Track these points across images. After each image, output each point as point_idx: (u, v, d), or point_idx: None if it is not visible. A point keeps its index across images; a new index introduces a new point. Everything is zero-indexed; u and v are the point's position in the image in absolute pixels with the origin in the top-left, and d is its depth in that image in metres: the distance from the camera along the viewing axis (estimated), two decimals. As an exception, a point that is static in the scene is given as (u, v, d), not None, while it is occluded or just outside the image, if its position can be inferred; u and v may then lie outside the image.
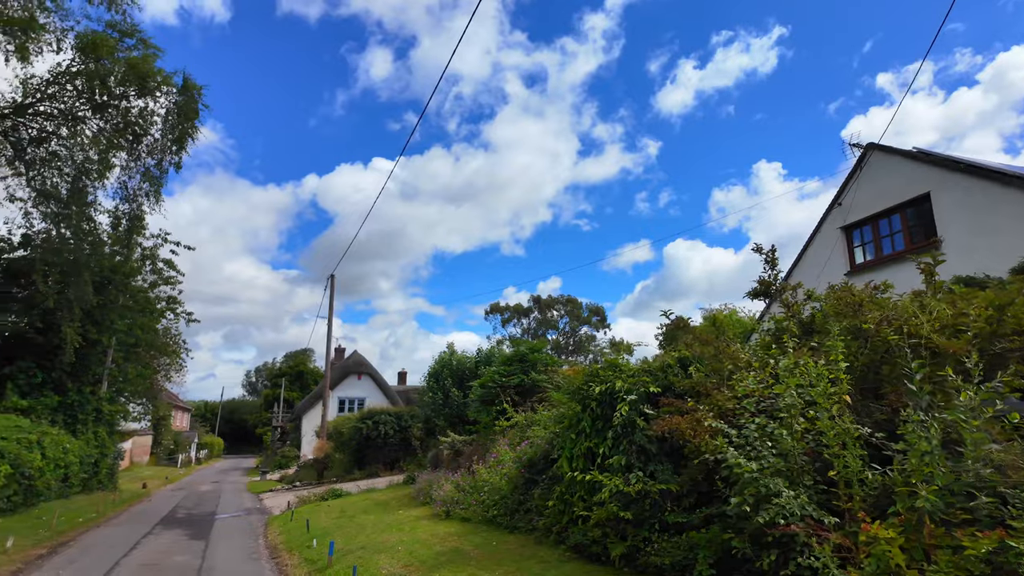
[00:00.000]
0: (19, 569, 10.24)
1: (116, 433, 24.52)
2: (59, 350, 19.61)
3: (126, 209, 19.75)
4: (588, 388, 8.88)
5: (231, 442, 73.83)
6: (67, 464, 18.66)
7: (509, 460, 11.96)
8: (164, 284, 24.54)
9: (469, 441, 17.85)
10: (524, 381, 15.24)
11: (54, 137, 18.76)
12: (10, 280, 20.51)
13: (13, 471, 13.93)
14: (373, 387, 44.70)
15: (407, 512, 14.28)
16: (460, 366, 20.01)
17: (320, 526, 13.48)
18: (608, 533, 7.80)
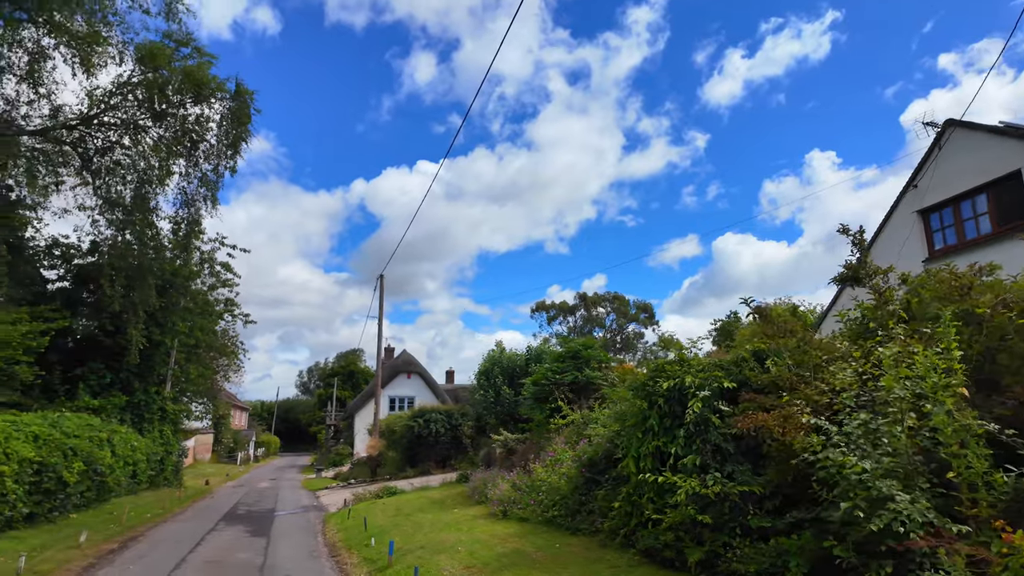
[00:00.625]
0: (92, 563, 10.43)
1: (180, 431, 25.26)
2: (126, 352, 20.24)
3: (185, 214, 20.25)
4: (654, 384, 8.38)
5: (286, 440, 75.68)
6: (135, 461, 19.22)
7: (568, 459, 11.53)
8: (222, 287, 25.15)
9: (522, 439, 17.50)
10: (578, 378, 14.79)
11: (118, 146, 19.35)
12: (80, 285, 21.31)
13: (86, 468, 14.33)
14: (422, 386, 44.94)
15: (463, 511, 14.03)
16: (510, 364, 19.69)
17: (377, 524, 13.36)
18: (682, 537, 7.29)
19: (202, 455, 44.64)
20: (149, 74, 18.10)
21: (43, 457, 12.31)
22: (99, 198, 19.63)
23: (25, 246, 19.70)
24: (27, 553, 10.28)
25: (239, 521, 16.07)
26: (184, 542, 12.59)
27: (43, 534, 12.13)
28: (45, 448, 12.43)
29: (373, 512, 15.43)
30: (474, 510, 13.93)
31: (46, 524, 12.88)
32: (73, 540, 11.58)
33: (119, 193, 19.67)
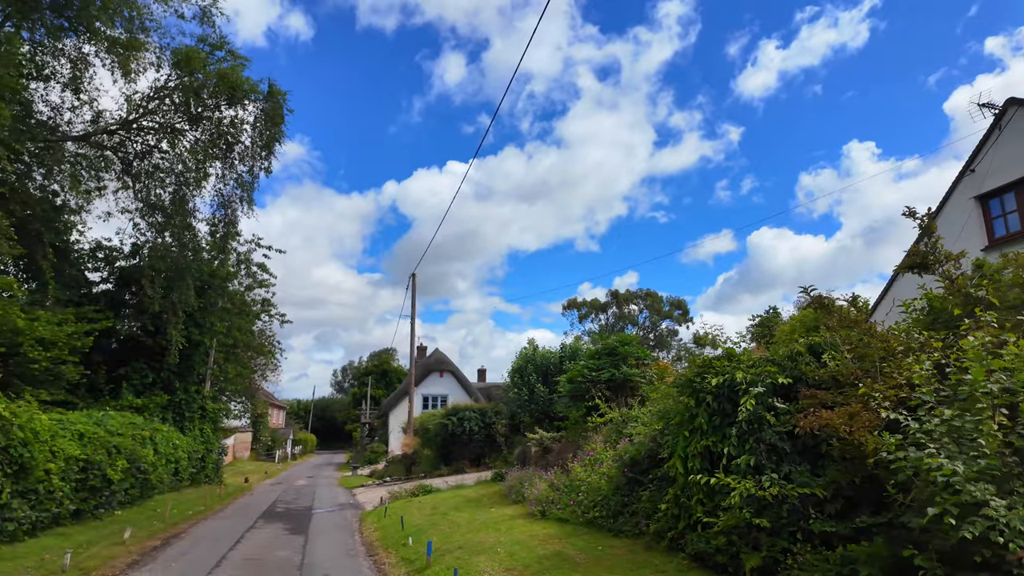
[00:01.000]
0: (135, 560, 10.49)
1: (220, 430, 25.68)
2: (166, 352, 20.61)
3: (221, 215, 20.51)
4: (702, 380, 7.96)
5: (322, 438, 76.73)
6: (177, 459, 19.53)
7: (608, 459, 11.17)
8: (259, 287, 25.47)
9: (558, 438, 17.17)
10: (615, 375, 14.39)
11: (156, 150, 19.69)
12: (123, 287, 21.77)
13: (130, 465, 14.54)
14: (455, 384, 44.95)
15: (500, 510, 13.78)
16: (544, 361, 19.36)
17: (414, 523, 13.20)
18: (735, 542, 6.88)
19: (241, 453, 45.49)
20: (185, 78, 18.34)
21: (88, 455, 12.51)
22: (139, 201, 20.00)
23: (70, 249, 20.20)
24: (72, 550, 10.39)
25: (278, 519, 16.13)
26: (224, 539, 12.63)
27: (89, 531, 12.32)
28: (90, 446, 12.63)
29: (409, 510, 15.30)
30: (511, 509, 13.66)
31: (92, 521, 13.09)
32: (118, 537, 11.71)
33: (158, 196, 20.01)
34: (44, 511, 11.02)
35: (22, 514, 10.03)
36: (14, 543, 10.18)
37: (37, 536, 11.03)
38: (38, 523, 10.98)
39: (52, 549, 10.36)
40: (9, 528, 9.70)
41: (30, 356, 13.70)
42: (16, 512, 9.85)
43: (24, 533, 10.55)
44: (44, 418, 10.86)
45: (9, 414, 9.29)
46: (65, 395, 16.16)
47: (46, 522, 11.32)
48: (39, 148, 17.54)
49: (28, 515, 10.36)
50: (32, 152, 17.69)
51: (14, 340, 13.64)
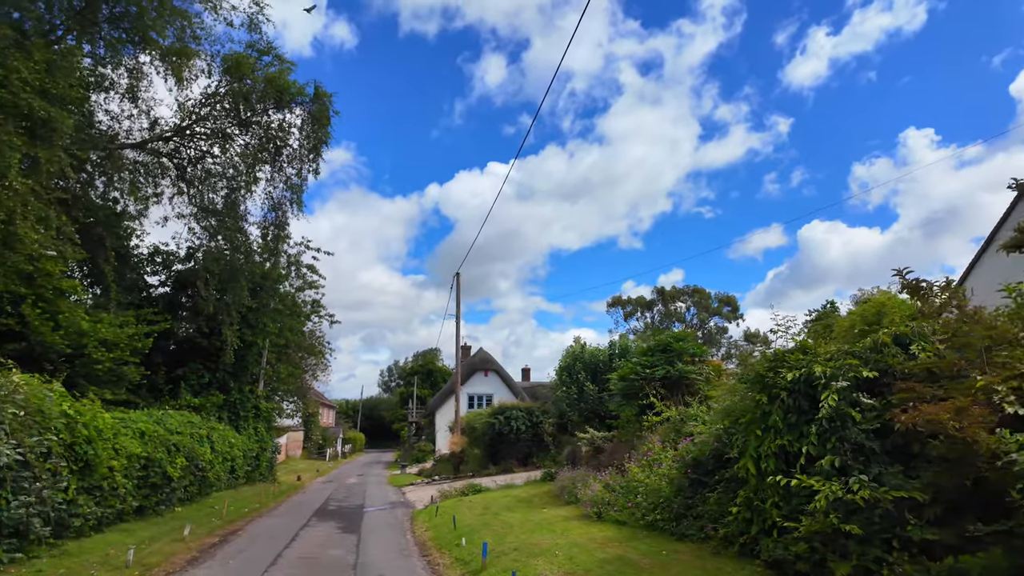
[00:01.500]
0: (195, 557, 10.56)
1: (273, 429, 26.16)
2: (222, 352, 21.06)
3: (272, 218, 20.82)
4: (775, 375, 7.39)
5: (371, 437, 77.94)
6: (233, 457, 19.90)
7: (667, 459, 10.64)
8: (309, 288, 25.83)
9: (609, 438, 16.67)
10: (670, 373, 13.80)
11: (208, 155, 20.14)
12: (179, 290, 22.37)
13: (188, 463, 14.81)
14: (499, 383, 44.78)
15: (553, 511, 13.40)
16: (593, 359, 18.88)
17: (466, 523, 12.95)
18: (819, 548, 6.31)
19: (293, 452, 46.49)
20: (235, 84, 18.67)
21: (149, 453, 12.75)
22: (193, 205, 20.50)
23: (130, 254, 20.84)
24: (135, 546, 10.54)
25: (330, 517, 16.18)
26: (279, 537, 12.66)
27: (151, 527, 12.55)
28: (151, 444, 12.88)
29: (460, 510, 15.08)
30: (564, 510, 13.27)
31: (154, 517, 13.35)
32: (178, 533, 11.87)
33: (211, 200, 20.47)
34: (108, 507, 11.25)
35: (88, 510, 10.23)
36: (81, 538, 10.39)
37: (103, 531, 11.27)
38: (103, 519, 11.21)
39: (116, 545, 10.54)
40: (76, 524, 9.88)
41: (94, 357, 14.10)
42: (82, 508, 10.04)
43: (90, 529, 10.77)
44: (107, 416, 11.08)
45: (74, 412, 9.47)
46: (127, 395, 16.62)
47: (111, 518, 11.56)
48: (101, 157, 18.15)
49: (94, 511, 10.56)
50: (94, 162, 18.33)
51: (79, 341, 14.05)
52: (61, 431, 9.10)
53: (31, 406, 8.32)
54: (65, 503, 9.42)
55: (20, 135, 11.74)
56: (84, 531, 10.53)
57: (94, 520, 10.75)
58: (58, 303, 14.04)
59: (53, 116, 12.30)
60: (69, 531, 9.95)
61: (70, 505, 9.71)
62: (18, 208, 11.88)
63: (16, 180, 11.42)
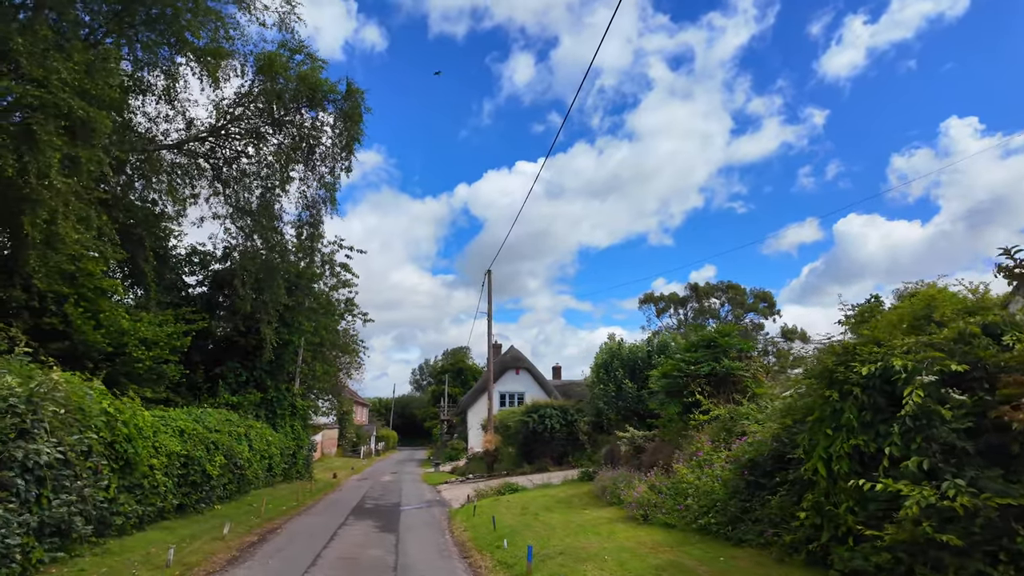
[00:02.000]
0: (235, 556, 10.39)
1: (309, 427, 26.23)
2: (258, 351, 21.09)
3: (307, 217, 20.76)
4: (845, 370, 6.79)
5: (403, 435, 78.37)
6: (270, 455, 19.90)
7: (720, 460, 10.06)
8: (342, 287, 25.79)
9: (650, 437, 16.08)
10: (716, 369, 13.16)
11: (243, 155, 20.16)
12: (217, 289, 22.51)
13: (227, 461, 14.75)
14: (531, 381, 44.34)
15: (595, 512, 12.91)
16: (631, 356, 18.28)
17: (505, 524, 12.54)
18: (905, 560, 5.71)
19: (328, 449, 46.84)
20: (268, 83, 18.61)
21: (188, 451, 12.68)
22: (229, 206, 20.56)
23: (169, 255, 21.02)
24: (175, 545, 10.41)
25: (367, 515, 15.96)
26: (318, 536, 12.46)
27: (192, 524, 12.47)
28: (190, 442, 12.81)
29: (498, 510, 14.69)
30: (607, 512, 12.76)
31: (194, 515, 13.29)
32: (218, 531, 11.74)
33: (246, 200, 20.50)
34: (150, 505, 11.17)
35: (129, 508, 10.14)
36: (123, 536, 10.31)
37: (144, 530, 11.20)
38: (144, 517, 11.14)
39: (158, 543, 10.43)
40: (117, 522, 9.79)
41: (134, 356, 14.12)
42: (123, 507, 9.94)
43: (132, 527, 10.69)
44: (147, 414, 11.00)
45: (114, 410, 9.36)
46: (167, 393, 16.69)
47: (152, 516, 11.49)
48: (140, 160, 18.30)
49: (135, 509, 10.48)
50: (134, 164, 18.49)
51: (120, 340, 14.09)
52: (101, 429, 8.98)
53: (71, 404, 8.20)
54: (106, 501, 9.32)
55: (60, 135, 11.75)
56: (126, 529, 10.46)
57: (135, 518, 10.67)
58: (99, 302, 14.10)
59: (92, 116, 12.29)
60: (111, 529, 9.86)
61: (111, 503, 9.61)
62: (60, 207, 11.90)
63: (57, 179, 11.42)
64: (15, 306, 12.13)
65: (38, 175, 11.25)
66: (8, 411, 6.71)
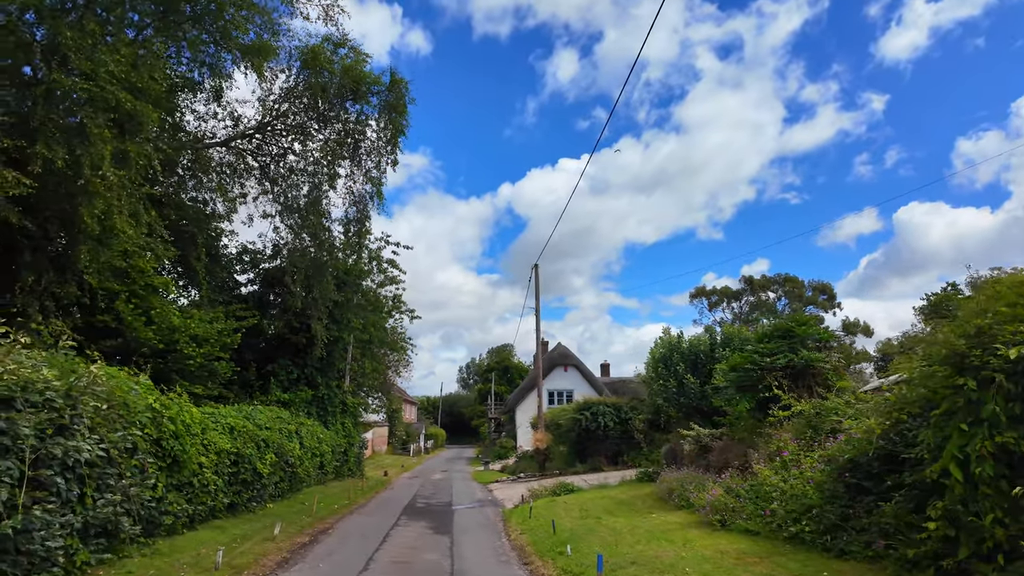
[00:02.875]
0: (285, 559, 9.90)
1: (360, 424, 26.00)
2: (309, 348, 20.87)
3: (354, 213, 20.39)
4: (982, 353, 5.64)
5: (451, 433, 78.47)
6: (322, 453, 19.62)
7: (810, 460, 8.92)
8: (390, 284, 25.43)
9: (717, 435, 14.91)
10: (793, 361, 11.93)
11: (290, 152, 19.95)
12: (268, 287, 22.46)
13: (278, 459, 14.41)
14: (580, 379, 43.30)
15: (662, 516, 11.89)
16: (692, 349, 17.08)
17: (566, 527, 11.68)
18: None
19: (379, 447, 46.99)
20: (312, 78, 18.30)
21: (239, 448, 12.32)
22: (278, 204, 20.40)
23: (220, 255, 21.04)
24: (225, 546, 9.99)
25: (420, 516, 15.38)
26: (370, 537, 11.90)
27: (243, 524, 12.11)
28: (240, 440, 12.45)
29: (555, 512, 13.84)
30: (676, 516, 11.73)
31: (245, 514, 12.95)
32: (268, 532, 11.33)
33: (294, 198, 20.30)
34: (200, 504, 10.82)
35: (178, 507, 9.77)
36: (173, 536, 9.96)
37: (195, 529, 10.86)
38: (195, 516, 10.79)
39: (208, 543, 10.04)
40: (167, 522, 9.41)
41: (185, 352, 13.92)
42: (172, 506, 9.57)
43: (182, 526, 10.35)
44: (195, 411, 10.64)
45: (159, 406, 8.97)
46: (219, 390, 16.54)
47: (203, 515, 11.15)
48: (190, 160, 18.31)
49: (184, 508, 10.12)
50: (184, 165, 18.51)
51: (171, 337, 13.92)
52: (146, 426, 8.59)
53: (115, 399, 7.80)
54: (154, 500, 8.93)
55: (110, 128, 11.57)
56: (176, 529, 10.11)
57: (186, 518, 10.32)
58: (151, 300, 13.98)
59: (139, 110, 12.08)
60: (160, 529, 9.50)
61: (160, 503, 9.23)
62: (114, 201, 11.72)
63: (109, 171, 11.22)
64: (67, 303, 12.02)
65: (92, 167, 11.08)
66: (45, 405, 6.29)
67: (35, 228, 11.78)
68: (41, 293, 11.94)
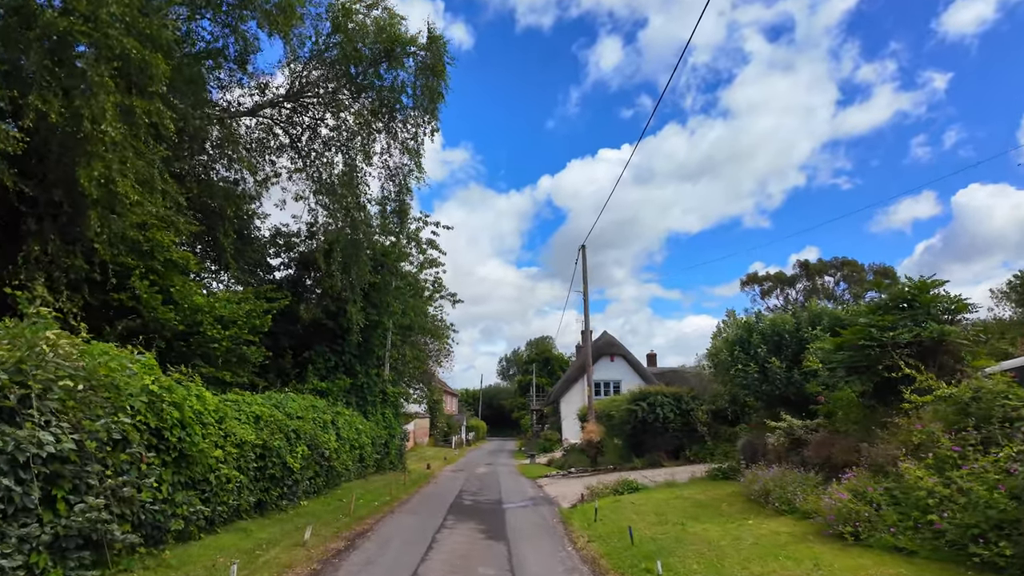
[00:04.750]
0: (314, 571, 8.22)
1: (401, 415, 24.48)
2: (347, 334, 19.36)
3: (391, 188, 18.74)
4: None
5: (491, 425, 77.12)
6: (361, 445, 18.08)
7: (986, 460, 6.66)
8: (430, 266, 23.74)
9: (813, 427, 12.60)
10: (921, 335, 9.59)
11: (322, 124, 18.40)
12: (303, 270, 21.05)
13: (311, 452, 12.82)
14: (627, 368, 40.97)
15: (762, 523, 9.73)
16: (776, 329, 14.74)
17: (645, 536, 9.66)
18: None
19: (420, 439, 45.71)
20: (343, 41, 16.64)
21: (265, 440, 10.72)
22: (311, 181, 18.90)
23: (252, 238, 19.68)
24: (247, 554, 8.38)
25: (467, 516, 13.58)
26: (414, 543, 10.14)
27: (272, 525, 10.52)
28: (267, 430, 10.84)
29: (625, 515, 11.84)
30: (780, 524, 9.55)
31: (276, 513, 11.38)
32: (298, 535, 9.71)
33: (328, 174, 18.78)
34: (220, 504, 9.24)
35: (189, 509, 8.15)
36: (187, 543, 8.38)
37: (215, 532, 9.30)
38: (215, 518, 9.23)
39: (227, 551, 8.43)
40: (174, 527, 7.79)
41: (209, 335, 12.43)
42: (182, 508, 7.95)
43: (199, 531, 8.78)
44: (209, 396, 9.03)
45: (159, 388, 7.32)
46: (251, 377, 15.11)
47: (225, 516, 9.58)
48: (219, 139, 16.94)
49: (200, 510, 8.52)
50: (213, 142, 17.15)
51: (193, 318, 12.45)
52: (141, 412, 6.94)
53: (97, 379, 6.17)
54: (156, 502, 7.32)
55: (113, 79, 10.07)
56: (191, 534, 8.54)
57: (202, 520, 8.73)
58: (171, 277, 12.52)
59: (147, 59, 10.56)
60: (168, 535, 7.91)
61: (166, 505, 7.62)
62: (116, 163, 10.22)
63: (111, 127, 9.72)
64: (74, 277, 10.60)
65: (92, 120, 9.61)
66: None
67: (37, 193, 10.42)
68: (48, 265, 10.58)
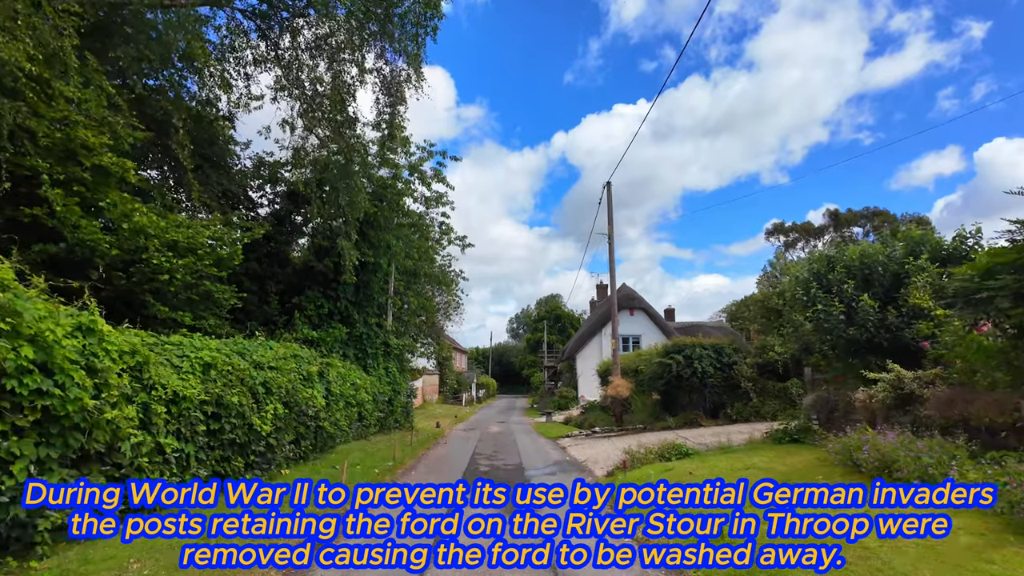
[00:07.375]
0: (271, 582, 5.51)
1: (407, 371, 21.87)
2: (342, 276, 16.54)
3: (387, 101, 15.54)
4: None
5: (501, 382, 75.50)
6: (359, 402, 15.44)
7: None
8: (436, 204, 20.65)
9: (929, 379, 9.69)
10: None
11: (304, 22, 15.10)
12: (292, 205, 18.07)
13: (288, 411, 10.09)
14: (647, 323, 38.16)
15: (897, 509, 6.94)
16: (865, 262, 11.69)
17: (732, 525, 6.90)
18: None
19: (430, 396, 43.53)
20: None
21: (219, 395, 7.93)
22: (297, 100, 15.73)
23: (226, 166, 16.57)
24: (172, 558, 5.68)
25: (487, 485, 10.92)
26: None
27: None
28: (220, 382, 8.03)
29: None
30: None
31: (240, 489, 8.74)
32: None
33: (314, 89, 15.59)
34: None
35: (83, 498, 5.38)
36: (88, 543, 5.70)
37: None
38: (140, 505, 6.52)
39: (153, 551, 5.78)
40: (42, 526, 5.02)
41: (154, 263, 9.56)
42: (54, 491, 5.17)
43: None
44: (111, 331, 6.13)
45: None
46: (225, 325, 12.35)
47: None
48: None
49: (99, 495, 5.76)
50: (181, 53, 13.94)
51: (135, 242, 9.57)
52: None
53: None
54: (6, 491, 4.55)
55: None
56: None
57: (113, 508, 6.03)
58: (102, 189, 9.58)
59: None
60: (58, 536, 5.20)
61: (18, 493, 4.86)
62: (6, 22, 7.16)
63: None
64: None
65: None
66: None
67: None
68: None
